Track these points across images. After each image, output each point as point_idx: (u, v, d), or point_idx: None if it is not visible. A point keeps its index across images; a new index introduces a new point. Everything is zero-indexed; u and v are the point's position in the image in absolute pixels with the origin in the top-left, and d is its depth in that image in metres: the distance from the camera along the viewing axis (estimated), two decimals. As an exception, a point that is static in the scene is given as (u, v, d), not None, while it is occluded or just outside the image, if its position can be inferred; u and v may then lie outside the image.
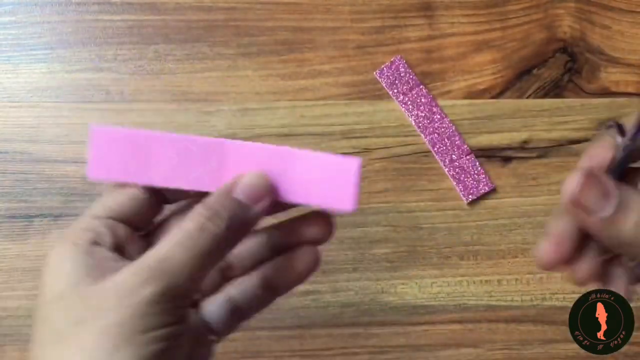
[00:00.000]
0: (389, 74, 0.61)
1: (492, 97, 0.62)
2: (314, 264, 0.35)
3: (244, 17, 0.62)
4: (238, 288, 0.36)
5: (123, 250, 0.32)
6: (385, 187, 0.60)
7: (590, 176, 0.30)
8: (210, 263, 0.30)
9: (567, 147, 0.61)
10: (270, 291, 0.36)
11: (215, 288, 0.36)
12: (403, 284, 0.60)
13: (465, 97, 0.62)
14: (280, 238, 0.36)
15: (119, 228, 0.32)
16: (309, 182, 0.32)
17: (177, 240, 0.29)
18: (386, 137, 0.61)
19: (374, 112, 0.61)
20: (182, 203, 0.35)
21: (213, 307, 0.36)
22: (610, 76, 0.62)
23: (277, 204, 0.32)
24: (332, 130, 0.60)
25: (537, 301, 0.60)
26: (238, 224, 0.30)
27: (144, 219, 0.34)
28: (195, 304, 0.36)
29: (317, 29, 0.62)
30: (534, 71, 0.62)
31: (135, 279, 0.28)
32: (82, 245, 0.30)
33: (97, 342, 0.27)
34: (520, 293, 0.60)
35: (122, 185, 0.33)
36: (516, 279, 0.60)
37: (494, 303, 0.60)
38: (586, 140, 0.61)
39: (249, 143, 0.32)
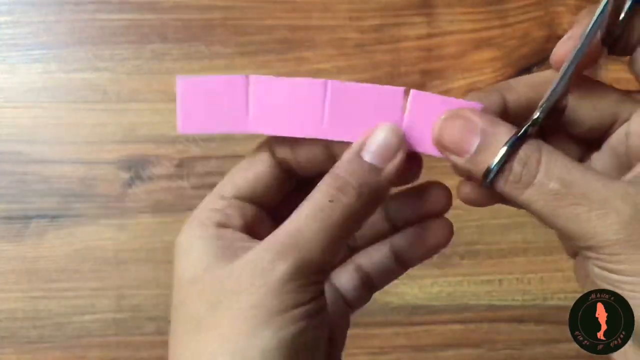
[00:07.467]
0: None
1: (492, 96, 0.61)
2: (446, 238, 0.34)
3: (242, 15, 0.62)
4: (367, 258, 0.35)
5: (253, 231, 0.30)
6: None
7: (452, 114, 0.28)
8: (344, 235, 0.28)
9: (568, 145, 0.61)
10: (399, 263, 0.34)
11: (342, 258, 0.35)
12: (403, 284, 0.59)
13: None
14: (397, 210, 0.34)
15: (247, 208, 0.30)
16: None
17: (307, 213, 0.27)
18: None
19: (373, 111, 0.61)
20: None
21: (344, 277, 0.35)
22: (611, 74, 0.62)
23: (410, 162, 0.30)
24: (331, 129, 0.60)
25: (539, 301, 0.59)
26: (371, 191, 0.28)
27: (272, 197, 0.31)
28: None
29: (316, 27, 0.62)
30: (534, 69, 0.62)
31: (268, 256, 0.27)
32: (211, 227, 0.29)
33: (234, 326, 0.26)
34: (522, 292, 0.60)
35: (251, 162, 0.31)
36: (517, 279, 0.60)
37: (495, 303, 0.60)
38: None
39: (352, 84, 0.29)
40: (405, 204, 0.34)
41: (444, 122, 0.28)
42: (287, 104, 0.30)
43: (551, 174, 0.26)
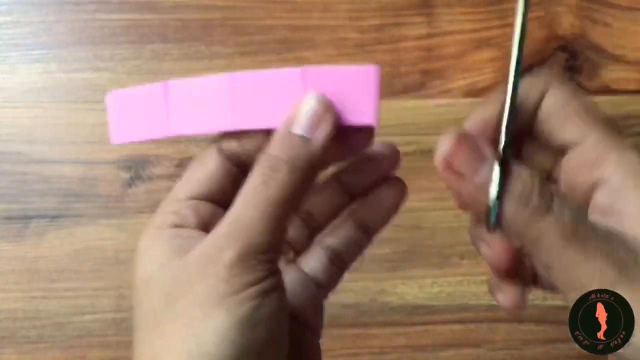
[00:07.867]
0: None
1: (492, 96, 0.61)
2: (400, 195, 0.35)
3: (242, 15, 0.62)
4: (332, 235, 0.35)
5: (211, 229, 0.30)
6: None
7: (463, 136, 0.28)
8: (285, 212, 0.28)
9: (568, 145, 0.61)
10: (364, 232, 0.35)
11: (306, 241, 0.36)
12: (403, 284, 0.59)
13: (466, 96, 0.61)
14: (351, 179, 0.35)
15: (201, 207, 0.31)
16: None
17: (244, 197, 0.28)
18: (386, 135, 0.60)
19: (373, 111, 0.61)
20: None
21: (313, 260, 0.35)
22: (611, 74, 0.62)
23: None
24: (331, 129, 0.60)
25: (538, 301, 0.59)
26: (302, 162, 0.28)
27: (227, 192, 0.31)
28: (293, 260, 0.36)
29: (316, 27, 0.62)
30: (534, 69, 0.62)
31: (214, 246, 0.28)
32: (166, 229, 0.30)
33: (190, 314, 0.27)
34: (522, 293, 0.60)
35: (201, 162, 0.32)
36: (517, 279, 0.60)
37: (495, 303, 0.59)
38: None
39: (249, 73, 0.30)
40: (357, 171, 0.35)
41: (455, 145, 0.28)
42: (198, 103, 0.31)
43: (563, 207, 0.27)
